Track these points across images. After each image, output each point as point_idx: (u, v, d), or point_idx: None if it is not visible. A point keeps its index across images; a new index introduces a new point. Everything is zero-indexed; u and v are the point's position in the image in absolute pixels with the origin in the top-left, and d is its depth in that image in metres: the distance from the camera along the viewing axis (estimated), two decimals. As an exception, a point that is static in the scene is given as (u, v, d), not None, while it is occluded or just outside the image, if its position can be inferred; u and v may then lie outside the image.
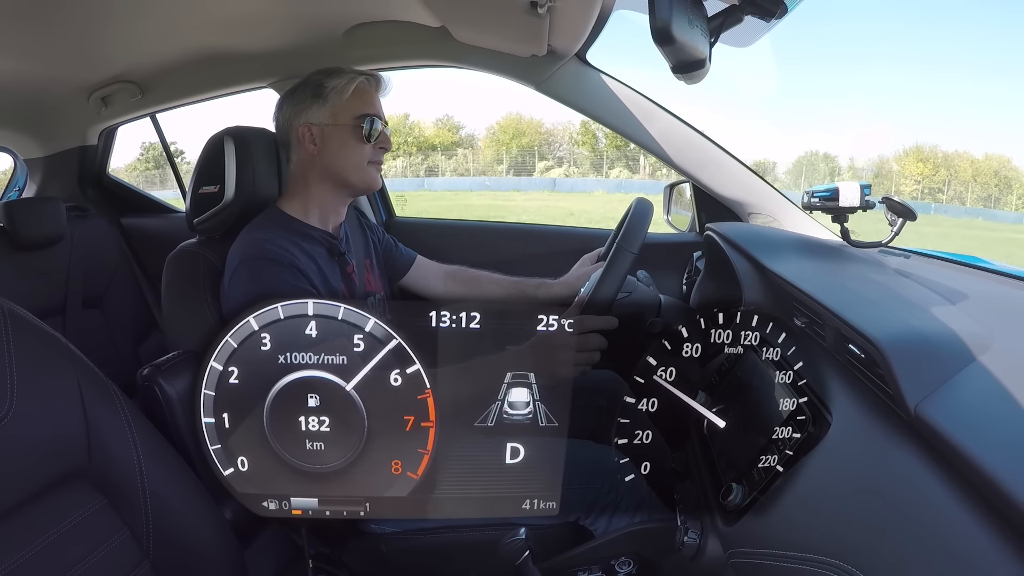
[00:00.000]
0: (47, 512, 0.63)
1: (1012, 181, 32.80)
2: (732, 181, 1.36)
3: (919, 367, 0.57)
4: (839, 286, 0.86)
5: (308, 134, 1.01)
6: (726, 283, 1.08)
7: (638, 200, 0.98)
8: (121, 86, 1.66)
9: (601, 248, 1.22)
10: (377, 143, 1.04)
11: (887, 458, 0.56)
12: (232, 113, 1.39)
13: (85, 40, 1.35)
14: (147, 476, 0.70)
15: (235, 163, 1.03)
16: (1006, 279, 0.88)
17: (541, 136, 34.01)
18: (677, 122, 1.34)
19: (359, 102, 1.02)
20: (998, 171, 33.03)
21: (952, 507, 0.47)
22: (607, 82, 1.33)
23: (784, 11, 0.82)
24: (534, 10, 1.01)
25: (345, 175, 1.03)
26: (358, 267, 1.10)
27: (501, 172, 32.64)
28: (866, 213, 1.08)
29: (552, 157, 32.58)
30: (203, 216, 1.05)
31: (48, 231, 1.76)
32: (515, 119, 36.41)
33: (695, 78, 0.82)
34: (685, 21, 0.69)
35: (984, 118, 67.02)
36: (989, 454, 0.45)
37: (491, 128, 36.82)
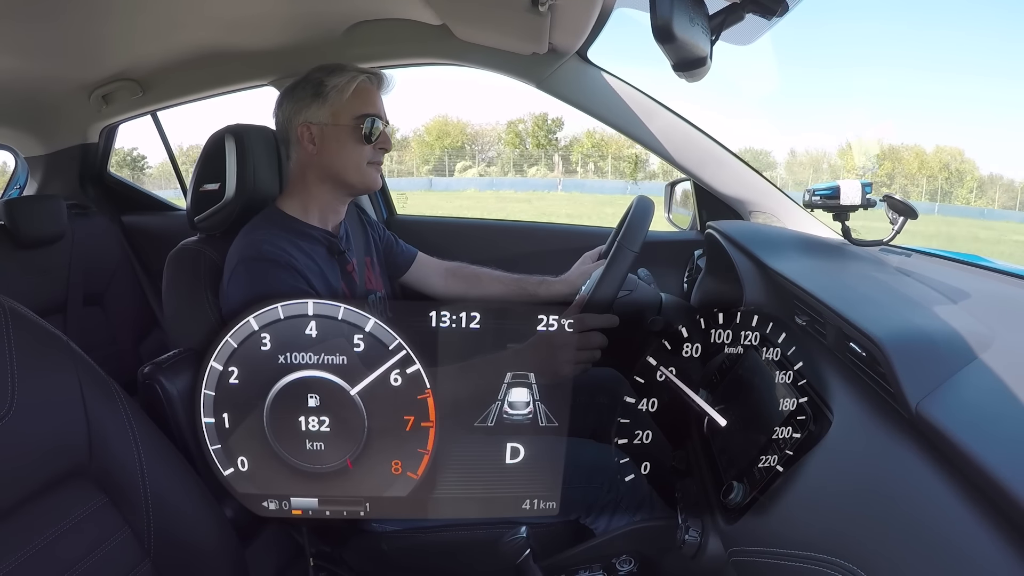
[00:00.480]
0: (48, 510, 0.63)
1: (964, 174, 32.38)
2: (733, 179, 1.36)
3: (920, 365, 0.57)
4: (840, 284, 0.86)
5: (307, 133, 1.01)
6: (727, 281, 1.08)
7: (639, 198, 0.98)
8: (122, 84, 1.66)
9: (602, 246, 1.22)
10: (377, 143, 1.03)
11: (888, 456, 0.56)
12: (232, 112, 1.39)
13: (86, 38, 1.35)
14: (148, 474, 0.70)
15: (236, 161, 1.03)
16: (1007, 278, 0.88)
17: (466, 137, 34.12)
18: (678, 120, 1.33)
19: (360, 101, 1.01)
20: (948, 164, 32.61)
21: (953, 506, 0.47)
22: (608, 80, 1.33)
23: (785, 9, 0.81)
24: (535, 8, 1.01)
25: (344, 175, 1.03)
26: (359, 265, 1.10)
27: (425, 173, 33.11)
28: (867, 212, 1.07)
29: (473, 157, 32.72)
30: (204, 214, 1.05)
31: (49, 229, 1.76)
32: (441, 121, 36.95)
33: (696, 76, 0.82)
34: (686, 19, 0.69)
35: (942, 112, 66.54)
36: (990, 452, 0.45)
37: (417, 130, 37.42)
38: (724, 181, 1.36)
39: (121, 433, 0.69)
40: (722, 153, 1.35)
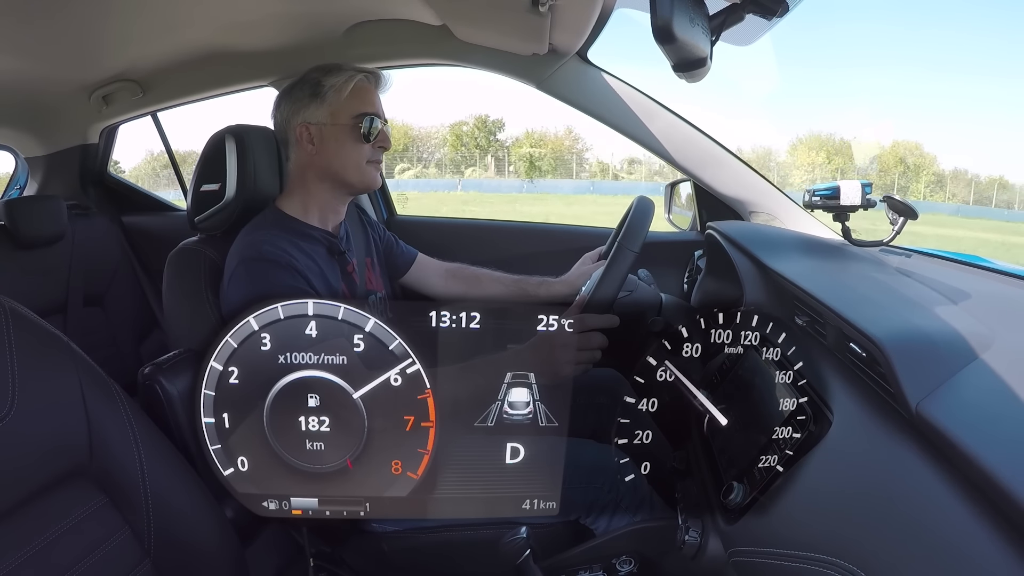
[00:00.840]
0: (48, 511, 0.63)
1: (921, 169, 31.78)
2: (733, 180, 1.36)
3: (920, 366, 0.57)
4: (840, 285, 0.86)
5: (306, 134, 1.01)
6: (727, 282, 1.08)
7: (639, 199, 0.98)
8: (122, 84, 1.66)
9: (602, 247, 1.22)
10: (376, 142, 1.03)
11: (888, 457, 0.56)
12: (232, 112, 1.39)
13: (86, 38, 1.35)
14: (148, 475, 0.70)
15: (236, 161, 1.03)
16: (1007, 278, 0.88)
17: (409, 140, 34.26)
18: (678, 120, 1.34)
19: (357, 101, 1.01)
20: (904, 158, 32.08)
21: (953, 506, 0.47)
22: (608, 80, 1.33)
23: (785, 9, 0.81)
24: (536, 8, 1.01)
25: (344, 175, 1.03)
26: (359, 265, 1.10)
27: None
28: (867, 212, 1.07)
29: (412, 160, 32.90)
30: (204, 214, 1.05)
31: (49, 229, 1.76)
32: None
33: (696, 76, 0.82)
34: (686, 19, 0.69)
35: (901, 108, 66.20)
36: (990, 452, 0.45)
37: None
38: (724, 181, 1.36)
39: (121, 434, 0.69)
40: (722, 153, 1.35)
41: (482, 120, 33.74)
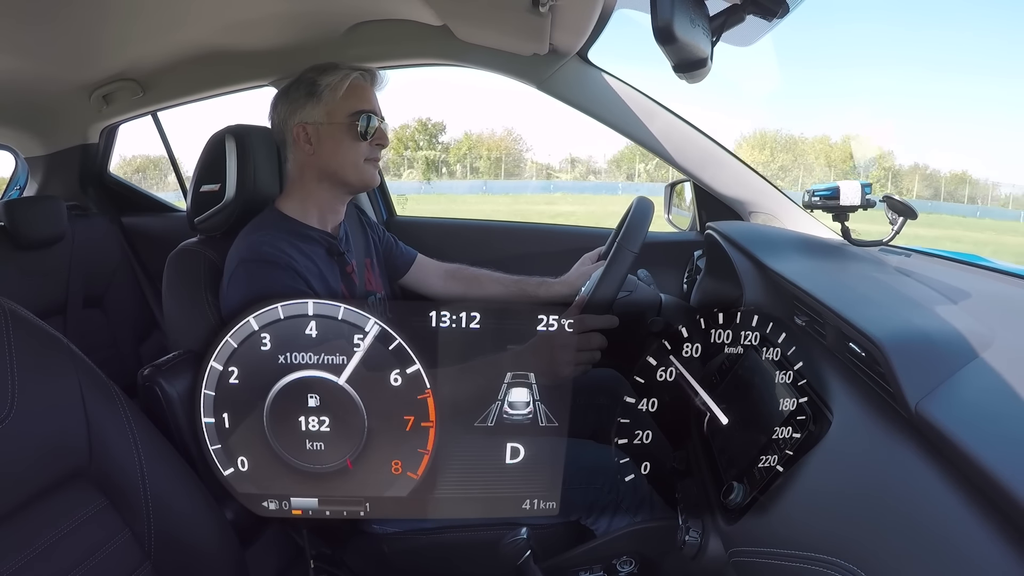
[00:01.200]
0: (48, 513, 0.63)
1: (871, 164, 31.86)
2: (733, 180, 1.36)
3: (920, 365, 0.57)
4: (840, 285, 0.86)
5: (303, 134, 1.00)
6: (727, 282, 1.08)
7: (639, 199, 0.98)
8: (122, 84, 1.66)
9: (602, 247, 1.22)
10: (374, 140, 1.03)
11: (888, 456, 0.56)
12: (232, 112, 1.39)
13: (86, 38, 1.35)
14: (148, 476, 0.70)
15: (236, 162, 1.03)
16: (1007, 277, 0.88)
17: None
18: (678, 121, 1.34)
19: (354, 99, 1.01)
20: (852, 154, 32.12)
21: (953, 505, 0.47)
22: (609, 81, 1.33)
23: (786, 10, 0.82)
24: (536, 8, 1.01)
25: (342, 174, 1.03)
26: (358, 266, 1.10)
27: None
28: (867, 212, 1.08)
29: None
30: (204, 215, 1.05)
31: (49, 230, 1.76)
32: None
33: (697, 77, 0.82)
34: (687, 20, 0.69)
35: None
36: (990, 452, 0.45)
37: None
38: (724, 182, 1.36)
39: (121, 435, 0.69)
40: (722, 154, 1.35)
41: (422, 124, 34.13)
